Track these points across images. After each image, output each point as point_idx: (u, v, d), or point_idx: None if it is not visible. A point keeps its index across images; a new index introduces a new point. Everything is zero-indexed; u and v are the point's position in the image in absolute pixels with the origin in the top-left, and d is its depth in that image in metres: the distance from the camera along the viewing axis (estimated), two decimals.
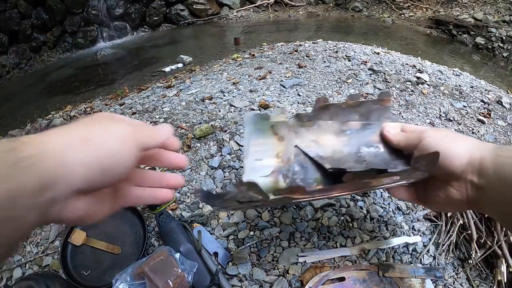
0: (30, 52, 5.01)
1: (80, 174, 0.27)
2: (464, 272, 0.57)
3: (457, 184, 0.40)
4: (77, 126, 0.30)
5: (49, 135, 0.28)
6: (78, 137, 0.28)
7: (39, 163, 0.25)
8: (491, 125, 1.12)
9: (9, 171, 0.24)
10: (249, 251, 0.57)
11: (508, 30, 4.16)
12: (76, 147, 0.28)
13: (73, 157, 0.27)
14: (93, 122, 0.31)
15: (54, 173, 0.26)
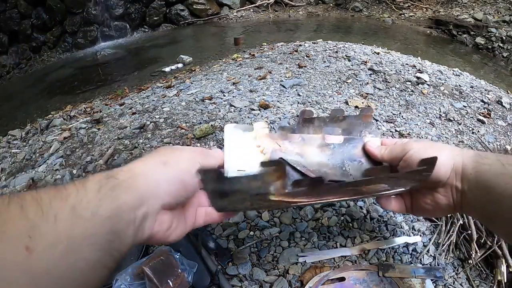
0: (30, 52, 5.01)
1: (165, 189, 0.35)
2: (464, 272, 0.57)
3: (443, 190, 0.43)
4: (153, 155, 0.38)
5: (134, 164, 0.35)
6: (158, 161, 0.36)
7: (133, 184, 0.32)
8: (491, 125, 1.12)
9: (113, 193, 0.30)
10: (249, 251, 0.57)
11: (508, 30, 4.16)
12: (158, 168, 0.36)
13: (157, 176, 0.35)
14: (164, 150, 0.39)
15: (145, 190, 0.33)
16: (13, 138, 1.28)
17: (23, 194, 0.28)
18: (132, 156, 0.89)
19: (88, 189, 0.30)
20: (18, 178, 0.90)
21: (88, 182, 0.31)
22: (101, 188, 0.30)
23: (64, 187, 0.30)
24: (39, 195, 0.28)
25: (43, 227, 0.26)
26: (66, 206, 0.28)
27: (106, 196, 0.30)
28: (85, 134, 1.11)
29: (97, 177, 0.31)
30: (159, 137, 0.97)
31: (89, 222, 0.28)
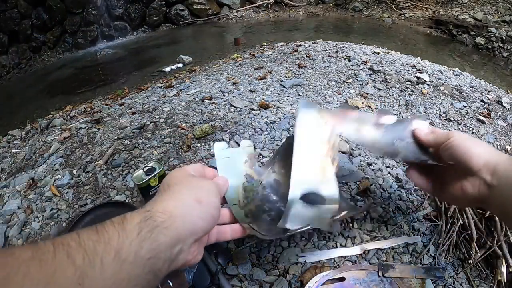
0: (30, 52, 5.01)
1: (200, 227, 0.38)
2: (464, 272, 0.57)
3: (472, 179, 0.46)
4: (183, 190, 0.40)
5: (169, 203, 0.37)
6: (193, 200, 0.39)
7: (171, 226, 0.35)
8: (491, 125, 1.12)
9: (152, 236, 0.33)
10: (249, 251, 0.57)
11: (508, 30, 4.16)
12: (194, 208, 0.38)
13: (194, 216, 0.38)
14: (190, 183, 0.42)
15: (183, 230, 0.36)
16: (13, 138, 1.28)
17: (66, 240, 0.29)
18: (132, 156, 0.89)
19: (128, 231, 0.32)
20: (18, 178, 0.90)
21: (127, 224, 0.33)
22: (141, 231, 0.32)
23: (105, 229, 0.31)
24: (82, 239, 0.30)
25: (91, 273, 0.28)
26: (110, 251, 0.30)
27: (146, 238, 0.32)
28: (85, 134, 1.11)
29: (135, 219, 0.33)
30: (159, 137, 0.97)
31: (132, 265, 0.30)
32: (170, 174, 0.44)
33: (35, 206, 0.78)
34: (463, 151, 0.46)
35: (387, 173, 0.78)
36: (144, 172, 0.65)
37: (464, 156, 0.46)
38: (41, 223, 0.73)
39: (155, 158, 0.87)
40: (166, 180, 0.42)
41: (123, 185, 0.79)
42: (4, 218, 0.75)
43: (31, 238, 0.70)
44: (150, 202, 0.38)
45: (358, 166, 0.79)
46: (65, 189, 0.82)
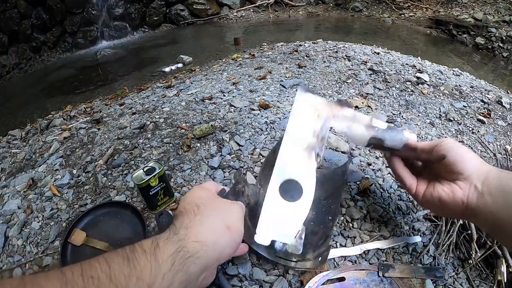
0: (30, 52, 5.01)
1: (227, 254, 0.39)
2: (464, 272, 0.57)
3: (463, 184, 0.46)
4: (213, 215, 0.40)
5: (200, 229, 0.37)
6: (223, 227, 0.39)
7: (202, 255, 0.35)
8: (491, 125, 1.12)
9: (185, 267, 0.33)
10: (249, 251, 0.57)
11: (508, 30, 4.16)
12: (224, 235, 0.39)
13: (224, 244, 0.38)
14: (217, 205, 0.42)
15: (212, 259, 0.37)
16: (13, 138, 1.28)
17: (96, 271, 0.28)
18: (132, 156, 0.89)
19: (161, 263, 0.32)
20: (18, 178, 0.90)
21: (160, 254, 0.32)
22: (174, 262, 0.33)
23: (136, 259, 0.31)
24: (113, 272, 0.29)
25: None
26: (143, 286, 0.29)
27: (179, 271, 0.33)
28: (85, 134, 1.11)
29: (169, 249, 0.33)
30: (159, 137, 0.97)
31: None
32: (194, 193, 0.43)
33: (35, 206, 0.78)
34: (456, 153, 0.47)
35: (387, 173, 0.78)
36: (144, 172, 0.65)
37: (457, 157, 0.47)
38: (41, 223, 0.73)
39: (155, 158, 0.87)
40: (193, 200, 0.41)
41: (123, 185, 0.79)
42: (4, 218, 0.75)
43: (31, 238, 0.69)
44: (181, 225, 0.37)
45: (358, 166, 0.79)
46: (65, 189, 0.82)
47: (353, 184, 0.72)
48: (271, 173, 0.57)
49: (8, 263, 0.65)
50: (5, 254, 0.67)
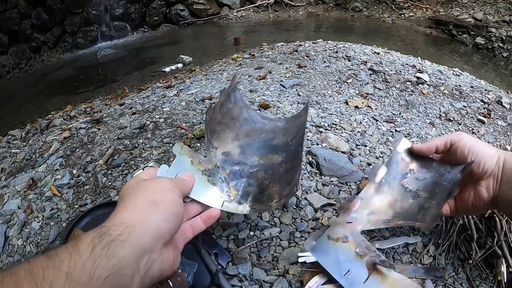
0: (30, 52, 5.01)
1: (166, 229, 0.36)
2: (464, 272, 0.57)
3: (485, 183, 0.47)
4: (136, 197, 0.37)
5: (123, 214, 0.35)
6: (147, 203, 0.36)
7: (130, 236, 0.32)
8: (491, 125, 1.12)
9: (109, 251, 0.30)
10: (249, 251, 0.57)
11: (508, 30, 4.16)
12: (152, 211, 0.36)
13: (156, 219, 0.35)
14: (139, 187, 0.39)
15: (146, 238, 0.33)
16: (13, 138, 1.28)
17: (16, 269, 0.28)
18: (132, 156, 0.89)
19: (81, 251, 0.29)
20: (18, 178, 0.90)
21: (80, 243, 0.30)
22: (94, 248, 0.30)
23: (56, 253, 0.29)
24: (31, 267, 0.28)
25: None
26: (60, 275, 0.27)
27: (101, 255, 0.29)
28: (85, 134, 1.11)
29: (89, 237, 0.31)
30: (159, 137, 0.97)
31: (87, 287, 0.28)
32: (127, 184, 0.41)
33: (35, 206, 0.78)
34: (475, 152, 0.47)
35: None
36: None
37: (477, 158, 0.47)
38: (41, 223, 0.73)
39: (155, 158, 0.87)
40: (121, 193, 0.40)
41: (123, 185, 0.79)
42: (4, 218, 0.75)
43: (31, 238, 0.70)
44: (108, 219, 0.35)
45: (358, 166, 0.79)
46: (65, 189, 0.82)
47: (353, 184, 0.72)
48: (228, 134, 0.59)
49: (8, 263, 0.65)
50: (5, 254, 0.67)
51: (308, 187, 0.70)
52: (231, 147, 0.58)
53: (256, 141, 0.61)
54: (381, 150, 0.86)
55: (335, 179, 0.74)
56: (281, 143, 0.59)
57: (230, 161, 0.56)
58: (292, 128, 0.63)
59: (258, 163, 0.57)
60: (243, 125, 0.64)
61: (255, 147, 0.59)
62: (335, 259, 0.46)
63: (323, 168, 0.76)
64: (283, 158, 0.57)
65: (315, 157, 0.79)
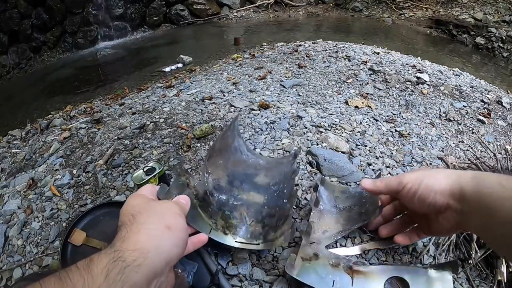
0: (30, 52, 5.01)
1: (176, 254, 0.37)
2: (464, 272, 0.57)
3: (445, 215, 0.45)
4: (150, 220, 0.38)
5: (137, 237, 0.35)
6: (161, 228, 0.37)
7: (143, 262, 0.32)
8: (491, 125, 1.12)
9: (123, 277, 0.30)
10: (249, 251, 0.57)
11: (508, 30, 4.16)
12: (166, 236, 0.37)
13: (168, 245, 0.36)
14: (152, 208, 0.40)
15: (159, 263, 0.34)
16: (13, 138, 1.28)
17: None
18: (132, 156, 0.89)
19: (95, 276, 0.29)
20: (18, 178, 0.90)
21: (93, 267, 0.30)
22: (109, 273, 0.30)
23: (68, 276, 0.29)
24: None
25: None
26: None
27: (115, 281, 0.30)
28: (85, 134, 1.11)
29: (103, 261, 0.31)
30: (159, 137, 0.97)
31: None
32: (128, 203, 0.41)
33: (35, 206, 0.78)
34: (424, 195, 0.45)
35: (387, 173, 0.78)
36: (144, 172, 0.65)
37: (427, 200, 0.44)
38: (41, 223, 0.73)
39: (155, 158, 0.87)
40: (128, 210, 0.39)
41: (123, 185, 0.79)
42: (4, 218, 0.75)
43: (31, 238, 0.70)
44: (117, 239, 0.35)
45: (358, 166, 0.79)
46: (65, 189, 0.82)
47: (353, 184, 0.72)
48: (220, 161, 0.63)
49: (8, 263, 0.65)
50: (5, 254, 0.67)
51: (308, 187, 0.70)
52: (221, 174, 0.63)
53: (240, 173, 0.66)
54: (381, 150, 0.86)
55: (335, 179, 0.74)
56: (262, 183, 0.65)
57: (218, 189, 0.60)
58: (274, 170, 0.69)
59: (241, 198, 0.61)
60: (233, 153, 0.69)
61: (239, 180, 0.64)
62: (317, 276, 0.50)
63: (323, 168, 0.76)
64: (265, 200, 0.61)
65: (315, 157, 0.79)
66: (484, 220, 0.40)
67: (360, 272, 0.51)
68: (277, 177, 0.66)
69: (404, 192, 0.47)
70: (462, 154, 0.93)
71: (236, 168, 0.67)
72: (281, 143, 0.86)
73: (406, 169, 0.81)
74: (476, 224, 0.42)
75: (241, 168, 0.68)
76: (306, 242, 0.54)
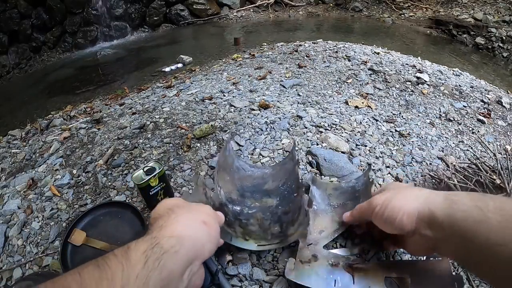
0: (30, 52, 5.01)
1: (208, 249, 0.38)
2: (464, 272, 0.57)
3: (414, 240, 0.44)
4: (187, 214, 0.39)
5: (175, 226, 0.36)
6: (197, 222, 0.39)
7: (179, 250, 0.33)
8: (491, 125, 1.12)
9: (161, 263, 0.31)
10: (249, 251, 0.57)
11: (508, 30, 4.16)
12: (202, 229, 0.38)
13: (202, 238, 0.37)
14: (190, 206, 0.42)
15: (193, 254, 0.35)
16: (13, 138, 1.28)
17: (67, 281, 0.27)
18: (132, 156, 0.89)
19: (133, 263, 0.30)
20: (18, 178, 0.90)
21: (132, 254, 0.30)
22: (147, 260, 0.30)
23: (107, 264, 0.29)
24: (84, 279, 0.27)
25: None
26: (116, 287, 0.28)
27: (154, 268, 0.30)
28: (85, 134, 1.11)
29: (141, 248, 0.31)
30: (159, 137, 0.97)
31: None
32: (164, 202, 0.42)
33: (35, 206, 0.78)
34: (390, 217, 0.43)
35: (387, 173, 0.78)
36: (144, 172, 0.65)
37: (394, 222, 0.43)
38: (41, 223, 0.73)
39: (155, 158, 0.87)
40: (165, 205, 0.41)
41: (123, 185, 0.79)
42: (4, 218, 0.75)
43: (31, 238, 0.70)
44: (154, 228, 0.35)
45: (358, 166, 0.79)
46: (65, 189, 0.82)
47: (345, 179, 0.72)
48: (227, 177, 0.66)
49: (8, 263, 0.65)
50: (5, 254, 0.67)
51: (307, 187, 0.70)
52: (231, 188, 0.65)
53: (249, 187, 0.68)
54: (381, 150, 0.86)
55: (335, 179, 0.74)
56: (272, 187, 0.67)
57: (231, 201, 0.62)
58: (279, 173, 0.70)
59: (255, 206, 0.62)
60: (236, 172, 0.71)
61: (249, 192, 0.66)
62: (317, 277, 0.50)
63: (323, 168, 0.76)
64: (277, 201, 0.63)
65: (315, 157, 0.79)
66: (460, 246, 0.37)
67: (360, 269, 0.51)
68: (284, 177, 0.68)
69: (374, 214, 0.47)
70: (462, 154, 0.93)
71: (243, 183, 0.69)
72: (281, 143, 0.87)
73: (406, 169, 0.81)
74: (451, 250, 0.40)
75: (248, 182, 0.70)
76: (303, 245, 0.54)
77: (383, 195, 0.47)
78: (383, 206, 0.45)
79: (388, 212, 0.44)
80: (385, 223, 0.45)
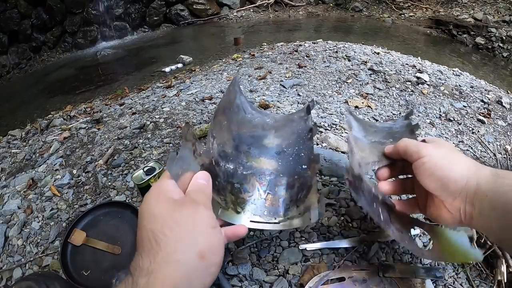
0: (30, 52, 5.01)
1: (209, 282, 0.33)
2: (464, 272, 0.57)
3: (450, 207, 0.41)
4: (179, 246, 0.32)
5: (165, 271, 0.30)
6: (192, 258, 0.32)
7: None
8: (491, 125, 1.12)
9: None
10: (249, 251, 0.57)
11: (508, 30, 4.16)
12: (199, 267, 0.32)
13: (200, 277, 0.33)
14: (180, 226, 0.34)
15: None
16: (13, 138, 1.28)
17: None
18: (132, 156, 0.89)
19: None
20: (18, 178, 0.90)
21: None
22: None
23: None
24: None
25: None
26: None
27: None
28: (85, 134, 1.11)
29: None
30: (159, 137, 0.97)
31: None
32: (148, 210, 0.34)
33: (35, 206, 0.78)
34: (437, 176, 0.41)
35: None
36: (144, 172, 0.65)
37: (438, 183, 0.41)
38: (41, 223, 0.73)
39: (155, 158, 0.87)
40: (147, 226, 0.33)
41: (123, 185, 0.79)
42: (4, 218, 0.75)
43: (31, 238, 0.70)
44: (140, 271, 0.31)
45: None
46: (65, 189, 0.82)
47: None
48: (224, 122, 0.55)
49: (8, 263, 0.65)
50: (5, 254, 0.67)
51: None
52: (226, 137, 0.54)
53: (246, 136, 0.56)
54: None
55: (335, 179, 0.74)
56: (273, 145, 0.55)
57: (224, 156, 0.51)
58: (285, 130, 0.59)
59: (250, 165, 0.51)
60: (235, 112, 0.60)
61: (246, 144, 0.54)
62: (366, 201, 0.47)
63: (323, 168, 0.76)
64: (279, 167, 0.52)
65: None
66: (500, 221, 0.36)
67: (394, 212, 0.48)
68: (290, 137, 0.56)
69: (418, 163, 0.43)
70: None
71: (241, 130, 0.57)
72: None
73: None
74: (488, 225, 0.38)
75: (246, 129, 0.58)
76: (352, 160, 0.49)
77: (435, 150, 0.43)
78: (432, 162, 0.42)
79: (437, 170, 0.41)
80: (428, 179, 0.42)
